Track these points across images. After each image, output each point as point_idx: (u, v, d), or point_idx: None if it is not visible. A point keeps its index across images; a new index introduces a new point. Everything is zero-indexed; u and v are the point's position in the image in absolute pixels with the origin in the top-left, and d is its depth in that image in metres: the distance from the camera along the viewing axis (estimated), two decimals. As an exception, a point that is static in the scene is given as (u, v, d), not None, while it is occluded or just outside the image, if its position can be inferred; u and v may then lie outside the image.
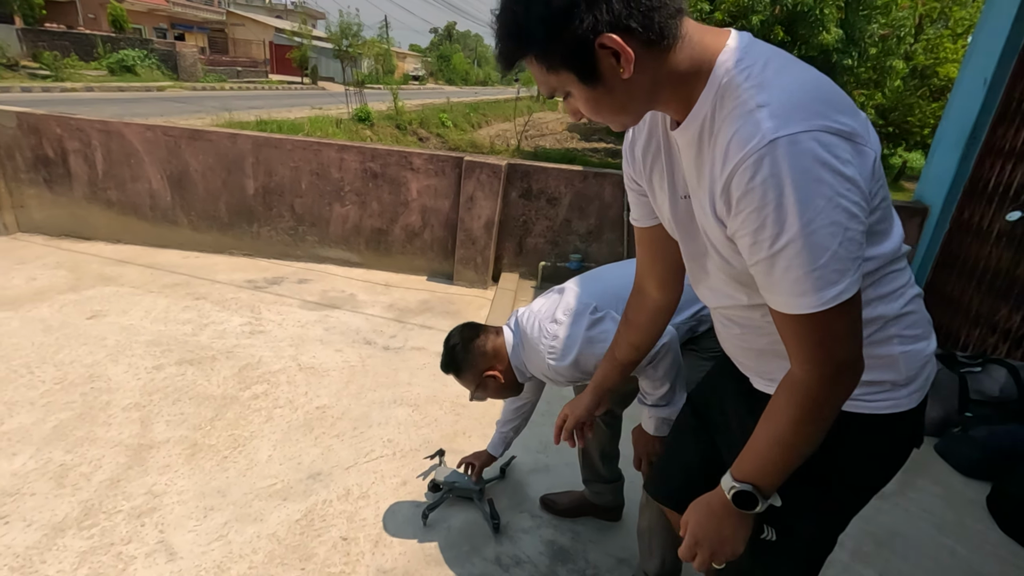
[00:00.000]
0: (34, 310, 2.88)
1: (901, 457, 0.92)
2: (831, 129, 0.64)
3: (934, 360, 0.89)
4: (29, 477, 1.80)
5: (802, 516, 0.90)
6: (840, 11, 10.27)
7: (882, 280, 0.81)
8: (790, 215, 0.64)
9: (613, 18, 0.65)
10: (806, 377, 0.74)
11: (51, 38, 19.59)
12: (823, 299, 0.67)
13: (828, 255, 0.65)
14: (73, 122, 3.67)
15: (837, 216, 0.64)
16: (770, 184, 0.64)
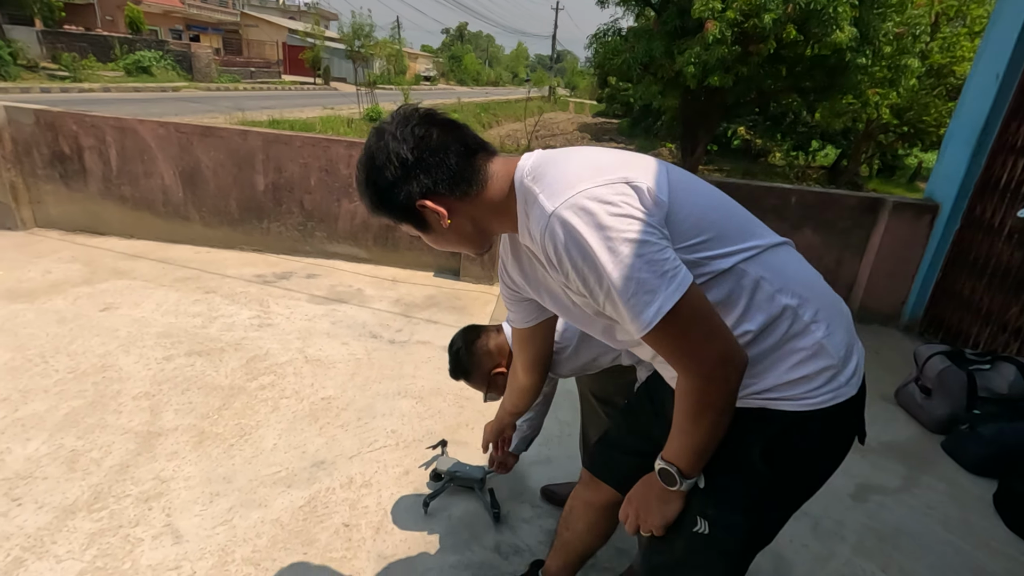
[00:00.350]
0: (49, 302, 2.94)
1: (840, 452, 0.95)
2: (596, 185, 0.78)
3: (858, 342, 0.93)
4: (42, 461, 1.85)
5: (735, 510, 0.93)
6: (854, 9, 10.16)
7: (767, 268, 0.87)
8: (592, 265, 0.77)
9: (424, 189, 0.86)
10: (685, 383, 0.84)
11: (70, 40, 19.94)
12: (647, 321, 0.77)
13: (634, 284, 0.76)
14: (88, 119, 3.75)
15: (625, 249, 0.75)
16: (567, 247, 0.78)
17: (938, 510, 2.06)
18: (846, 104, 12.24)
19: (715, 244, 0.83)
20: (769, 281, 0.85)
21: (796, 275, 0.89)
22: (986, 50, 3.18)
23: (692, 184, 0.88)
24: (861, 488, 2.13)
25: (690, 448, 0.87)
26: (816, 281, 0.92)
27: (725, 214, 0.88)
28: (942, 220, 3.36)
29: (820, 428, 0.88)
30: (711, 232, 0.84)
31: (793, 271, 0.89)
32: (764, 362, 0.86)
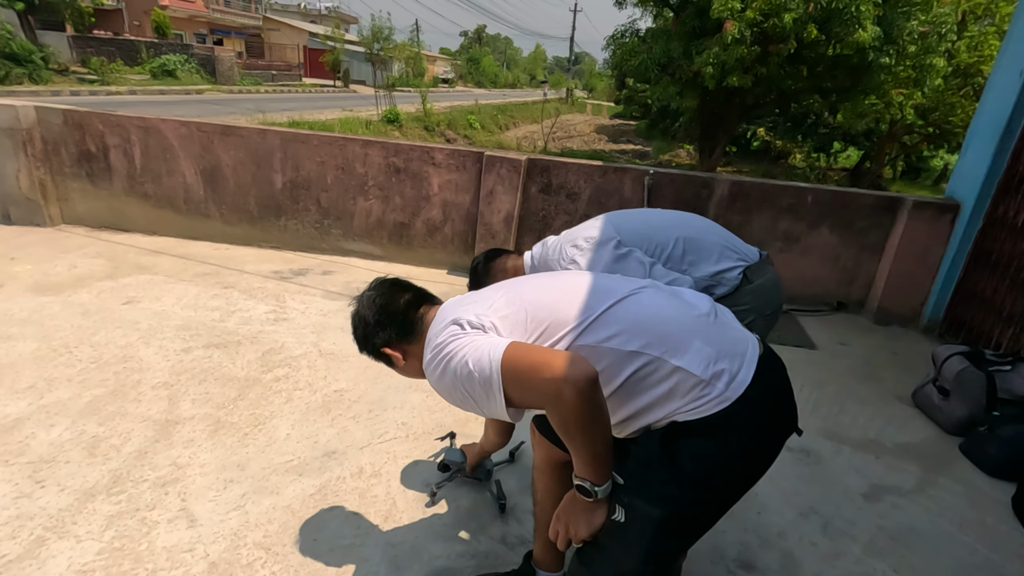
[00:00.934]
0: (74, 295, 3.03)
1: (750, 452, 1.03)
2: (436, 336, 1.07)
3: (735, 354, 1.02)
4: (65, 446, 1.91)
5: (649, 503, 1.01)
6: (877, 8, 9.99)
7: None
8: (447, 388, 1.06)
9: (384, 341, 1.18)
10: (547, 413, 0.97)
11: (99, 44, 20.48)
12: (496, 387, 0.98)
13: (474, 379, 0.99)
14: (114, 118, 3.85)
15: (452, 365, 1.02)
16: (438, 384, 1.08)
17: (954, 512, 2.02)
18: (869, 105, 12.03)
19: (550, 332, 1.02)
20: (613, 338, 1.00)
21: (637, 321, 1.02)
22: (1009, 47, 3.11)
23: (529, 296, 1.09)
24: (874, 488, 2.10)
25: (586, 461, 0.99)
26: (659, 316, 1.04)
27: (553, 306, 1.05)
28: (963, 219, 3.29)
29: (709, 432, 0.98)
30: (542, 326, 1.03)
31: (633, 318, 1.03)
32: (639, 399, 1.00)
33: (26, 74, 14.56)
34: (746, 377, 0.99)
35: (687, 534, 1.08)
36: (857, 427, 2.50)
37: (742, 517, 1.90)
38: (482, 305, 1.07)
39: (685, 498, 1.00)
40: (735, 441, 0.99)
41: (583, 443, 0.96)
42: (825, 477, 2.14)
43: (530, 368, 0.94)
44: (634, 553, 1.03)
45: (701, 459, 0.99)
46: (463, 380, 0.99)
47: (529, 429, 1.51)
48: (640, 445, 1.05)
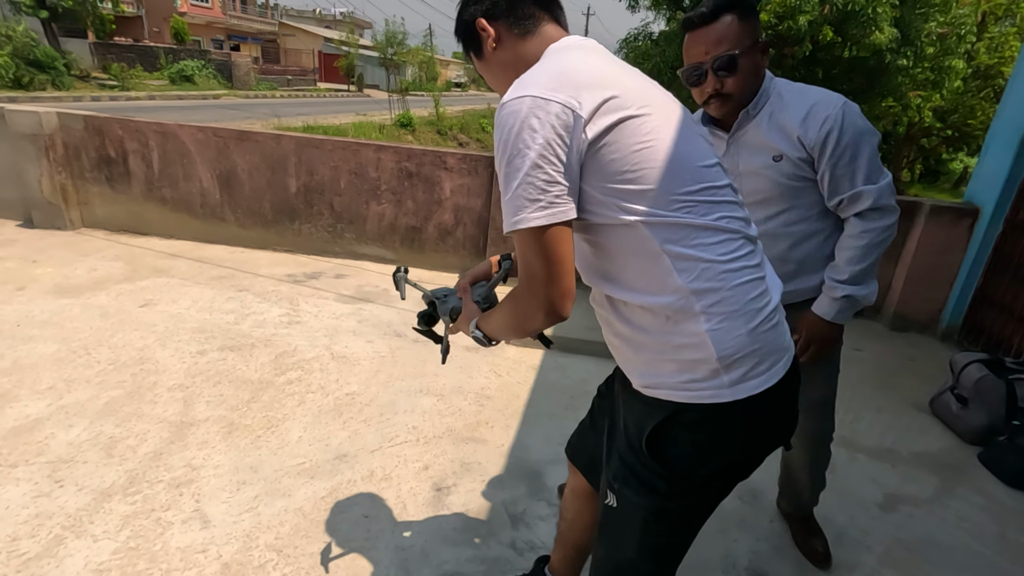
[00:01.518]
0: (93, 298, 3.09)
1: (736, 455, 0.93)
2: (540, 96, 0.81)
3: (770, 341, 0.89)
4: (83, 447, 1.95)
5: (634, 491, 0.96)
6: (895, 9, 9.87)
7: (682, 244, 0.85)
8: (502, 150, 0.83)
9: (484, 10, 0.97)
10: (516, 286, 0.90)
11: (119, 51, 20.91)
12: (507, 225, 0.84)
13: (510, 193, 0.82)
14: (133, 124, 3.93)
15: (519, 163, 0.81)
16: (497, 128, 0.85)
17: (972, 523, 1.98)
18: (886, 107, 11.88)
19: (633, 197, 0.84)
20: (672, 256, 0.85)
21: (714, 262, 0.86)
22: (1030, 48, 3.06)
23: (659, 132, 0.84)
24: (890, 498, 2.07)
25: (492, 329, 1.01)
26: (739, 276, 0.87)
27: (671, 174, 0.84)
28: (983, 224, 3.24)
29: (698, 422, 0.90)
30: (637, 184, 0.83)
31: (712, 256, 0.86)
32: (650, 348, 0.90)
33: (49, 80, 14.90)
34: (771, 379, 0.89)
35: (676, 529, 1.00)
36: (873, 435, 2.47)
37: (754, 525, 1.88)
38: (603, 100, 0.82)
39: (667, 490, 0.93)
40: (725, 441, 0.91)
41: (500, 325, 0.99)
42: (839, 486, 2.11)
43: (546, 262, 0.83)
44: (628, 542, 1.00)
45: (682, 449, 0.91)
46: (510, 176, 0.82)
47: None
48: (627, 430, 0.99)
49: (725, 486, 0.97)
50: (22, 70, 14.32)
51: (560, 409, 2.46)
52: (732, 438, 0.91)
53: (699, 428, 0.90)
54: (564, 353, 2.94)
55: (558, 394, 2.58)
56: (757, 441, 0.94)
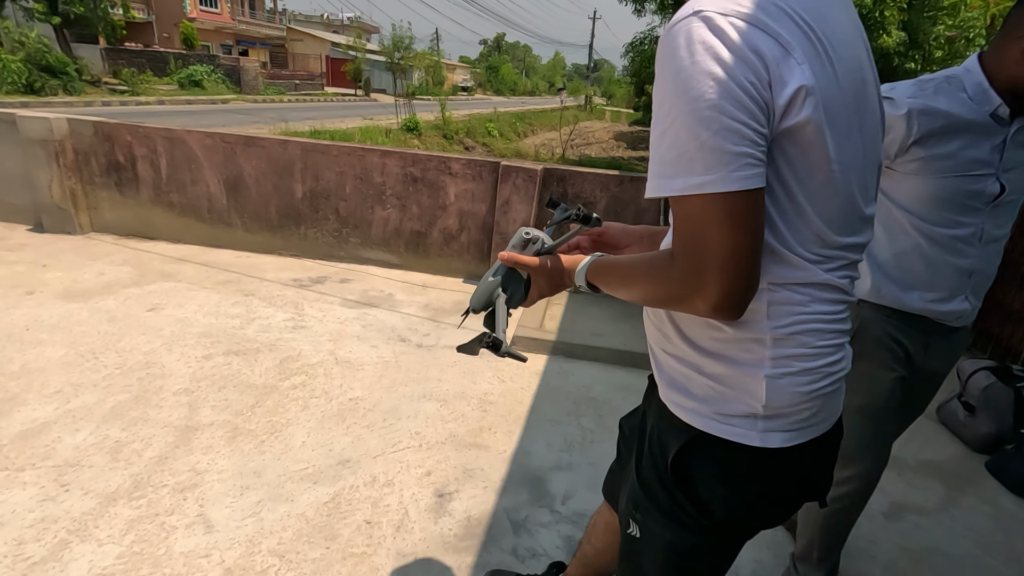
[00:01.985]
0: (101, 302, 3.12)
1: (751, 494, 0.81)
2: (742, 16, 0.61)
3: (824, 405, 0.79)
4: (89, 451, 1.96)
5: (655, 519, 0.88)
6: (902, 13, 9.85)
7: (792, 288, 0.73)
8: (682, 89, 0.62)
9: None
10: (669, 262, 0.70)
11: (130, 56, 21.15)
12: (680, 184, 0.63)
13: (698, 142, 0.62)
14: (142, 130, 3.97)
15: (717, 101, 0.60)
16: (673, 58, 0.63)
17: (979, 533, 1.96)
18: (894, 110, 11.83)
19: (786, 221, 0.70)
20: (773, 299, 0.74)
21: (813, 318, 0.76)
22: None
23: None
24: (896, 507, 2.06)
25: (616, 286, 0.82)
26: (828, 339, 0.78)
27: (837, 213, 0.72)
28: (990, 230, 3.21)
29: (721, 457, 0.79)
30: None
31: (813, 312, 0.76)
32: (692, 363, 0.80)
33: (61, 85, 15.08)
34: (806, 436, 0.79)
35: (700, 568, 0.92)
36: (878, 443, 2.45)
37: (760, 535, 1.86)
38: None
39: (692, 524, 0.84)
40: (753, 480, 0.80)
41: (636, 294, 0.78)
42: (844, 494, 2.09)
43: (723, 230, 0.63)
44: (651, 574, 0.94)
45: (699, 478, 0.82)
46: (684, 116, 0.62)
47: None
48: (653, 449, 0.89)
49: (751, 529, 0.87)
50: (34, 75, 14.50)
51: (563, 415, 2.46)
52: (756, 482, 0.80)
53: (723, 463, 0.80)
54: (568, 359, 2.94)
55: (561, 400, 2.58)
56: (784, 491, 0.83)
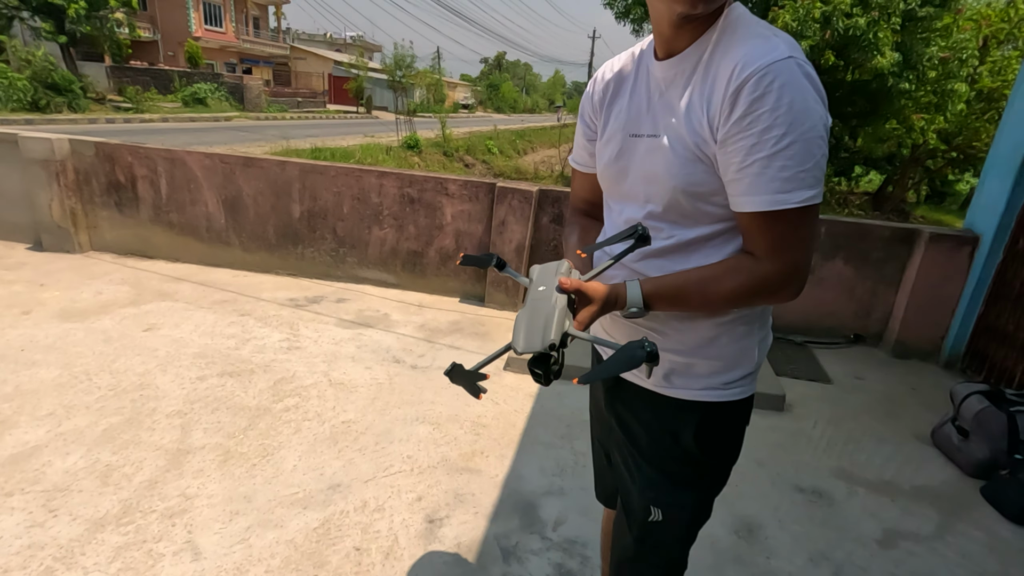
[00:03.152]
0: (98, 322, 3.13)
1: (743, 434, 1.07)
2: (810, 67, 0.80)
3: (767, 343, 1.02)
4: (79, 475, 1.96)
5: (683, 491, 1.04)
6: (896, 34, 9.98)
7: None
8: (798, 119, 0.76)
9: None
10: (762, 265, 0.84)
11: (135, 74, 21.42)
12: (801, 197, 0.78)
13: (813, 161, 0.77)
14: (142, 151, 4.02)
15: (821, 132, 0.77)
16: (785, 91, 0.76)
17: (974, 560, 1.94)
18: (889, 129, 11.93)
19: None
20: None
21: None
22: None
23: None
24: (889, 534, 2.04)
25: (679, 302, 0.90)
26: None
27: None
28: (983, 252, 3.23)
29: (731, 416, 1.02)
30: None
31: None
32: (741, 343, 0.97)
33: (66, 103, 15.26)
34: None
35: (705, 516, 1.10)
36: (873, 467, 2.44)
37: (750, 562, 1.86)
38: None
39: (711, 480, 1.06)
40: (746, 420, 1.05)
41: (715, 304, 0.89)
42: (838, 521, 2.08)
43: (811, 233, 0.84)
44: (675, 544, 1.08)
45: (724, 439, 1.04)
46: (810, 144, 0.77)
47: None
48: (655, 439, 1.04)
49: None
50: (40, 93, 14.68)
51: (556, 439, 2.45)
52: (745, 423, 1.05)
53: (733, 420, 1.02)
54: (561, 381, 2.93)
55: (555, 423, 2.57)
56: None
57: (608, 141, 0.99)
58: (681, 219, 0.91)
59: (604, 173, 1.02)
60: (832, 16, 9.19)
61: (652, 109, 0.93)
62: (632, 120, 0.95)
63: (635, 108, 0.95)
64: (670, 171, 0.88)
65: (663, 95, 0.91)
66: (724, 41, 0.83)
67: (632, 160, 0.95)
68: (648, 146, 0.92)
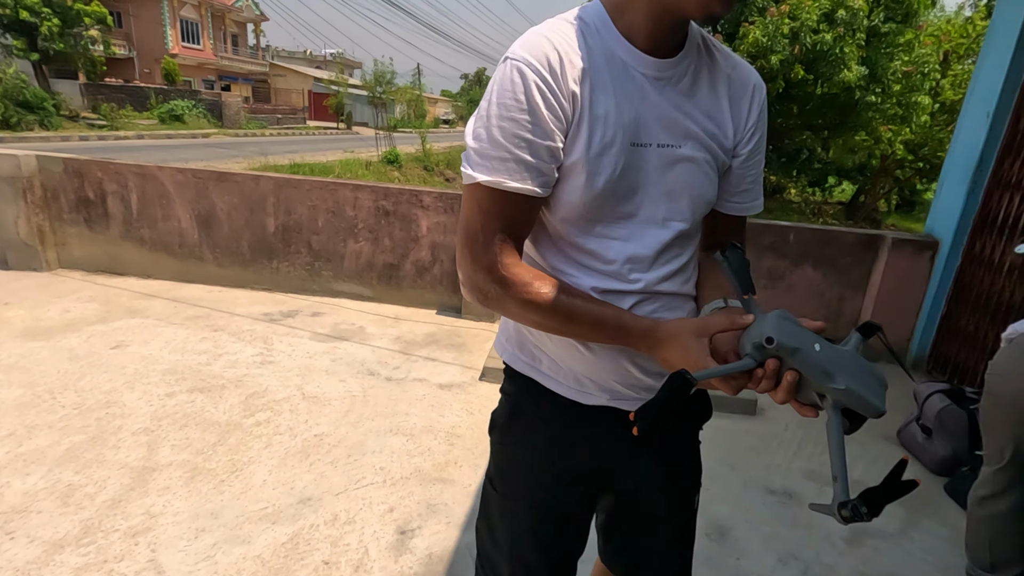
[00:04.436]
0: (64, 340, 3.07)
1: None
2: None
3: None
4: (38, 496, 1.91)
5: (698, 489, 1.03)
6: (861, 49, 10.32)
7: None
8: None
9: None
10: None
11: (109, 91, 21.17)
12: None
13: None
14: (112, 166, 3.97)
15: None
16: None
17: (938, 556, 1.98)
18: (859, 140, 12.28)
19: None
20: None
21: None
22: (976, 89, 3.22)
23: None
24: (856, 532, 2.07)
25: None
26: None
27: None
28: (943, 256, 3.33)
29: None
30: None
31: None
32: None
33: (37, 120, 15.02)
34: None
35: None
36: (841, 467, 2.48)
37: (721, 564, 1.87)
38: None
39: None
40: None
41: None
42: (806, 521, 2.11)
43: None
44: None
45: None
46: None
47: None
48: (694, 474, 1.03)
49: None
50: (10, 111, 14.44)
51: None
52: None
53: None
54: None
55: (529, 431, 2.57)
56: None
57: (603, 152, 0.76)
58: (697, 232, 0.90)
59: (602, 192, 0.78)
60: (800, 32, 9.48)
61: (656, 112, 0.78)
62: (630, 126, 0.77)
63: (630, 111, 0.77)
64: (702, 185, 0.83)
65: (664, 96, 0.78)
66: (711, 45, 0.84)
67: (644, 175, 0.80)
68: (664, 158, 0.80)
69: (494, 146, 0.74)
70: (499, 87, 0.75)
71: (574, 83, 0.75)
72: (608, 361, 0.84)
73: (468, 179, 0.77)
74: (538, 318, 0.79)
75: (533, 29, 0.78)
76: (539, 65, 0.73)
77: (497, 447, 1.00)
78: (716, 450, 2.49)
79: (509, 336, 0.96)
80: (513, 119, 0.73)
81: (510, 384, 0.98)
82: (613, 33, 0.77)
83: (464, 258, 0.79)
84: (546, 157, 0.76)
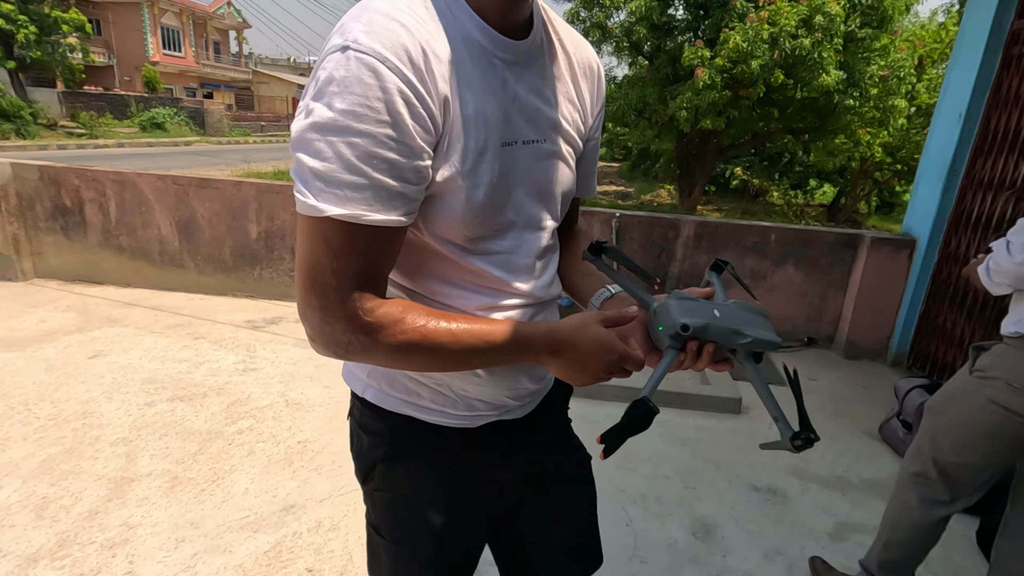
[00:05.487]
0: (40, 350, 3.00)
1: None
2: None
3: None
4: (12, 509, 1.86)
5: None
6: (839, 54, 10.52)
7: None
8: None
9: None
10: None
11: (88, 99, 20.84)
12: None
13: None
14: (90, 173, 3.91)
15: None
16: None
17: (920, 549, 2.00)
18: (839, 143, 12.50)
19: None
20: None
21: None
22: (948, 90, 3.29)
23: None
24: (840, 527, 2.09)
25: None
26: None
27: None
28: (920, 254, 3.39)
29: None
30: None
31: None
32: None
33: (14, 129, 14.76)
34: None
35: None
36: (824, 464, 2.50)
37: (707, 561, 1.88)
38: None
39: None
40: None
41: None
42: (791, 517, 2.13)
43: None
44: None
45: None
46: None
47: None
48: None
49: None
50: (-14, 120, 14.18)
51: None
52: None
53: None
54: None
55: (515, 434, 2.56)
56: None
57: (478, 160, 0.65)
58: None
59: (482, 205, 0.67)
60: (779, 37, 9.64)
61: (518, 104, 0.68)
62: (496, 123, 0.66)
63: (495, 105, 0.66)
64: (568, 179, 0.78)
65: (523, 84, 0.69)
66: (551, 19, 0.75)
67: (516, 177, 0.70)
68: (532, 155, 0.71)
69: (346, 168, 0.56)
70: (342, 88, 0.55)
71: (443, 81, 0.60)
72: (502, 378, 0.76)
73: (310, 210, 0.57)
74: (421, 359, 0.66)
75: (371, 6, 0.58)
76: (398, 62, 0.56)
77: (376, 495, 0.85)
78: (701, 449, 2.50)
79: (370, 371, 0.78)
80: (369, 134, 0.56)
81: (378, 422, 0.80)
82: (465, 9, 0.63)
83: (311, 308, 0.62)
84: (413, 179, 0.60)
